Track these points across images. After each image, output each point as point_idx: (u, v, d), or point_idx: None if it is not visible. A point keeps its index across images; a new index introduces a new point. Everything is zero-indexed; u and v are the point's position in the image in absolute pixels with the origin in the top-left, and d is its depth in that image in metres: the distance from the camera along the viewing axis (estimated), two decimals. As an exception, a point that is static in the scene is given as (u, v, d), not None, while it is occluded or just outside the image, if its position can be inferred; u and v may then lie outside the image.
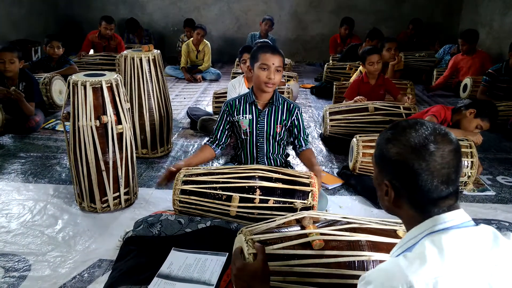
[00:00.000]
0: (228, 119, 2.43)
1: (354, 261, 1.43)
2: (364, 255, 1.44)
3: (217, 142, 2.45)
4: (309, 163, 2.39)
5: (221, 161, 3.21)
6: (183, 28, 6.93)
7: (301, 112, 2.45)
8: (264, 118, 2.38)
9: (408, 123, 1.03)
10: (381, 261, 1.44)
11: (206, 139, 2.55)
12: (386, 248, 1.47)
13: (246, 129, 2.40)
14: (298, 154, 2.50)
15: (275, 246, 1.43)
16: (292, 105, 2.41)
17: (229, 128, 2.47)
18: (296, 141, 2.46)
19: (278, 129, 2.40)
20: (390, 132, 1.04)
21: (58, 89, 4.48)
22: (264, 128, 2.39)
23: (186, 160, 2.39)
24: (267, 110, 2.38)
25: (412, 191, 0.98)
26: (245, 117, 2.39)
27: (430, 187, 0.96)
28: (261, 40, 4.67)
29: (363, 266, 1.43)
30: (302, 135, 2.45)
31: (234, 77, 4.16)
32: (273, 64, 2.24)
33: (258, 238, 1.45)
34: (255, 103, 2.37)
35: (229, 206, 2.05)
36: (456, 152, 0.98)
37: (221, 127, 2.45)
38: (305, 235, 1.48)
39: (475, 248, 0.92)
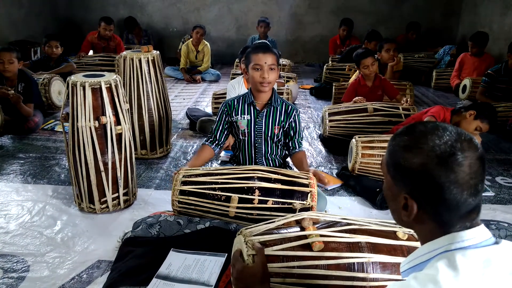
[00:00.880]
0: (226, 119, 2.43)
1: (354, 263, 1.43)
2: (364, 257, 1.44)
3: (216, 142, 2.45)
4: (300, 166, 2.40)
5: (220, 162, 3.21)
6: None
7: (298, 114, 2.44)
8: (262, 119, 2.38)
9: (427, 127, 0.92)
10: (380, 263, 1.44)
11: (205, 139, 2.53)
12: (385, 249, 1.47)
13: (244, 130, 2.40)
14: (290, 156, 2.51)
15: (275, 248, 1.43)
16: (290, 107, 2.41)
17: (228, 127, 2.46)
18: (290, 143, 2.46)
19: (276, 130, 2.40)
20: (406, 138, 0.92)
21: (57, 90, 4.48)
22: (262, 129, 2.39)
23: (188, 164, 2.40)
24: (265, 111, 2.38)
25: (438, 205, 0.88)
26: (243, 117, 2.39)
27: (459, 200, 0.86)
28: (259, 42, 4.67)
29: (362, 268, 1.43)
30: (297, 137, 2.45)
31: (234, 78, 4.16)
32: (266, 63, 2.23)
33: (258, 239, 1.45)
34: (254, 104, 2.37)
35: (228, 206, 2.05)
36: (482, 159, 0.89)
37: (220, 127, 2.44)
38: (305, 237, 1.47)
39: (494, 271, 0.83)
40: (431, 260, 0.88)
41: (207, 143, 2.46)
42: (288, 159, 2.65)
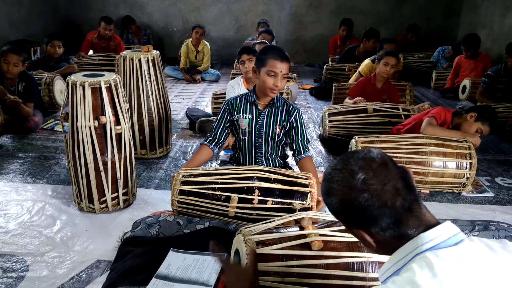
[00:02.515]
0: (228, 117, 2.41)
1: (353, 262, 1.43)
2: (363, 257, 1.44)
3: (216, 140, 2.41)
4: None
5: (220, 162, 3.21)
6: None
7: (300, 115, 2.40)
8: (264, 118, 2.37)
9: (332, 169, 1.02)
10: (379, 263, 1.44)
11: (204, 138, 2.51)
12: (384, 249, 1.47)
13: (245, 129, 2.39)
14: (296, 162, 2.43)
15: (274, 247, 1.43)
16: (291, 106, 2.40)
17: (229, 126, 2.44)
18: (294, 145, 2.40)
19: (277, 130, 2.39)
20: (323, 185, 1.03)
21: (60, 89, 4.49)
22: (263, 129, 2.38)
23: (186, 165, 2.36)
24: (267, 110, 2.37)
25: (378, 223, 0.94)
26: (245, 116, 2.38)
27: (388, 209, 0.92)
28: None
29: (361, 267, 1.43)
30: (300, 139, 2.39)
31: (233, 78, 4.16)
32: (281, 71, 2.20)
33: (257, 238, 1.45)
34: (256, 103, 2.36)
35: (227, 206, 2.05)
36: (385, 163, 0.96)
37: (221, 125, 2.42)
38: (304, 236, 1.48)
39: (470, 269, 0.85)
40: (406, 265, 0.90)
41: (206, 143, 2.43)
42: (288, 160, 2.64)
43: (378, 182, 0.93)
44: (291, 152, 2.47)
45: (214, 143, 2.42)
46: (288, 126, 2.39)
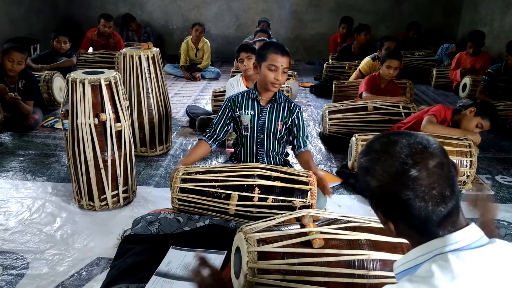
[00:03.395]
0: (229, 114, 2.41)
1: (354, 260, 1.43)
2: (364, 254, 1.44)
3: (215, 136, 2.41)
4: (306, 167, 2.36)
5: (220, 159, 3.21)
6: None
7: (301, 112, 2.43)
8: (266, 114, 2.37)
9: (381, 145, 0.91)
10: (381, 260, 1.44)
11: (203, 134, 2.49)
12: (386, 247, 1.47)
13: (247, 125, 2.39)
14: (296, 155, 2.47)
15: (275, 245, 1.43)
16: (293, 104, 2.40)
17: (229, 123, 2.44)
18: (295, 141, 2.43)
19: (279, 127, 2.39)
20: (365, 159, 0.93)
21: (59, 86, 4.48)
22: (265, 125, 2.38)
23: (183, 160, 2.34)
24: (269, 106, 2.37)
25: (409, 220, 0.88)
26: (247, 112, 2.38)
27: (427, 212, 0.86)
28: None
29: (363, 265, 1.43)
30: (301, 135, 2.42)
31: (233, 76, 4.15)
32: (282, 65, 2.22)
33: (258, 236, 1.45)
34: (258, 99, 2.37)
35: (228, 204, 2.04)
36: (443, 163, 0.87)
37: (222, 122, 2.41)
38: (305, 234, 1.47)
39: (490, 272, 0.82)
40: (425, 263, 0.87)
41: (204, 138, 2.42)
42: (289, 157, 2.64)
43: (428, 184, 0.85)
44: (291, 147, 2.49)
45: (212, 139, 2.41)
46: (289, 122, 2.40)
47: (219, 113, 2.43)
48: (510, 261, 0.85)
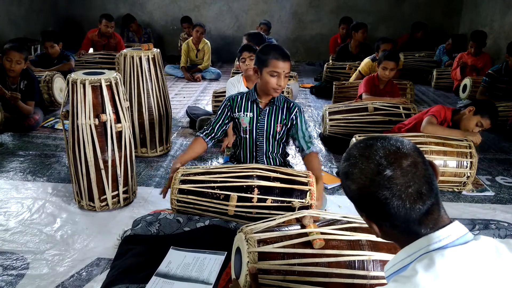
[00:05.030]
0: (228, 113, 2.40)
1: (355, 261, 1.43)
2: (364, 255, 1.44)
3: (212, 134, 2.38)
4: (312, 171, 2.29)
5: (220, 160, 3.21)
6: (181, 26, 6.94)
7: (301, 112, 2.39)
8: (265, 117, 2.37)
9: (358, 150, 0.95)
10: (381, 261, 1.44)
11: (200, 131, 2.47)
12: (386, 247, 1.47)
13: (246, 127, 2.39)
14: (302, 158, 2.42)
15: (276, 245, 1.43)
16: (292, 104, 2.39)
17: (227, 123, 2.42)
18: (296, 142, 2.39)
19: (278, 128, 2.38)
20: (345, 164, 0.98)
21: (59, 87, 4.48)
22: (264, 127, 2.38)
23: (179, 158, 2.31)
24: (268, 109, 2.36)
25: (390, 220, 0.91)
26: (246, 114, 2.37)
27: (405, 211, 0.88)
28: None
29: (363, 265, 1.43)
30: (302, 136, 2.36)
31: (233, 76, 4.15)
32: (284, 71, 2.20)
33: (259, 237, 1.45)
34: (257, 102, 2.36)
35: (227, 205, 2.04)
36: (416, 162, 0.90)
37: (220, 120, 2.40)
38: (306, 234, 1.47)
39: (474, 268, 0.84)
40: (412, 263, 0.89)
41: (201, 135, 2.39)
42: (289, 158, 2.64)
43: (403, 183, 0.88)
44: (295, 150, 2.46)
45: (210, 137, 2.38)
46: (289, 123, 2.38)
47: (219, 112, 2.41)
48: (493, 257, 0.86)
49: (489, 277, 0.84)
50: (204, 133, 2.40)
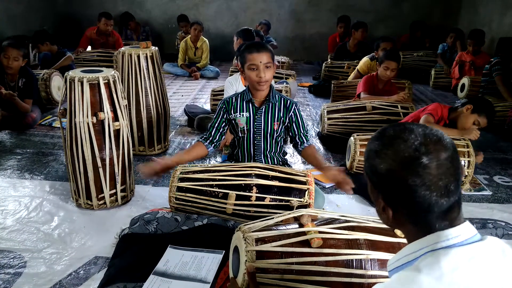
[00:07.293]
0: (225, 116, 2.40)
1: (352, 260, 1.43)
2: (362, 254, 1.44)
3: (211, 139, 2.38)
4: (315, 162, 2.32)
5: (218, 159, 3.21)
6: (178, 25, 6.93)
7: (298, 108, 2.39)
8: (261, 115, 2.36)
9: (395, 131, 0.93)
10: (379, 260, 1.44)
11: (201, 135, 2.48)
12: (384, 246, 1.47)
13: (243, 127, 2.38)
14: (300, 152, 2.43)
15: (274, 244, 1.43)
16: (289, 101, 2.38)
17: (225, 126, 2.42)
18: (296, 138, 2.39)
19: (276, 126, 2.38)
20: (376, 143, 0.95)
21: (57, 85, 4.47)
22: (261, 126, 2.37)
23: (177, 156, 2.31)
24: (264, 107, 2.36)
25: (411, 208, 0.90)
26: (242, 115, 2.37)
27: (430, 202, 0.87)
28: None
29: (361, 264, 1.43)
30: (302, 131, 2.38)
31: (232, 75, 4.14)
32: (261, 62, 2.19)
33: (257, 235, 1.45)
34: (252, 101, 2.35)
35: (225, 203, 2.04)
36: (453, 158, 0.88)
37: (217, 124, 2.39)
38: (304, 233, 1.47)
39: (479, 268, 0.83)
40: (417, 260, 0.88)
41: (201, 140, 2.39)
42: (287, 157, 2.64)
43: (436, 174, 0.86)
44: (292, 145, 2.47)
45: (208, 141, 2.38)
46: (287, 121, 2.37)
47: (215, 116, 2.41)
48: (499, 258, 0.86)
49: (494, 278, 0.83)
50: (203, 138, 2.40)
